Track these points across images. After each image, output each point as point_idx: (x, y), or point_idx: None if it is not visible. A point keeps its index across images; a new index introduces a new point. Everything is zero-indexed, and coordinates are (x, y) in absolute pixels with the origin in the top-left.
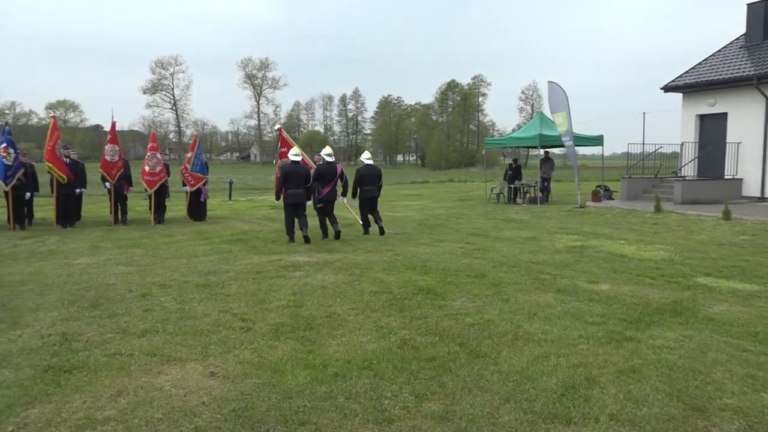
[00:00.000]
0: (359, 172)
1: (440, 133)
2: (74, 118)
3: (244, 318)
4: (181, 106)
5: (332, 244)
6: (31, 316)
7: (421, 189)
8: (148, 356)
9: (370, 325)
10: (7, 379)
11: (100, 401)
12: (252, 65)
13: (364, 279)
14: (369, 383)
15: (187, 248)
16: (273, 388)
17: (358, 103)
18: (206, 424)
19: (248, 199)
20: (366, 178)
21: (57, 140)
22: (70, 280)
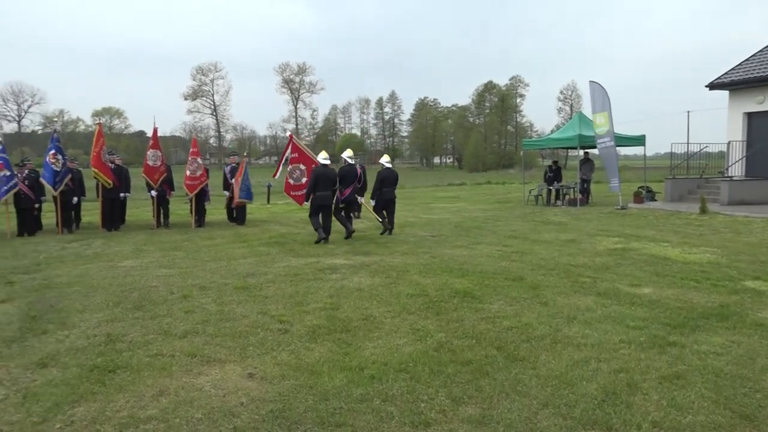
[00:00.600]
0: (380, 174)
1: (477, 135)
2: (119, 124)
3: (282, 320)
4: (220, 112)
5: (368, 246)
6: (77, 317)
7: (458, 191)
8: (188, 357)
9: (406, 327)
10: (56, 378)
11: (143, 400)
12: (290, 70)
13: (401, 281)
14: (405, 386)
15: (227, 251)
16: (310, 389)
17: (395, 106)
18: (245, 424)
19: (285, 203)
20: (386, 180)
21: (102, 146)
22: (114, 282)
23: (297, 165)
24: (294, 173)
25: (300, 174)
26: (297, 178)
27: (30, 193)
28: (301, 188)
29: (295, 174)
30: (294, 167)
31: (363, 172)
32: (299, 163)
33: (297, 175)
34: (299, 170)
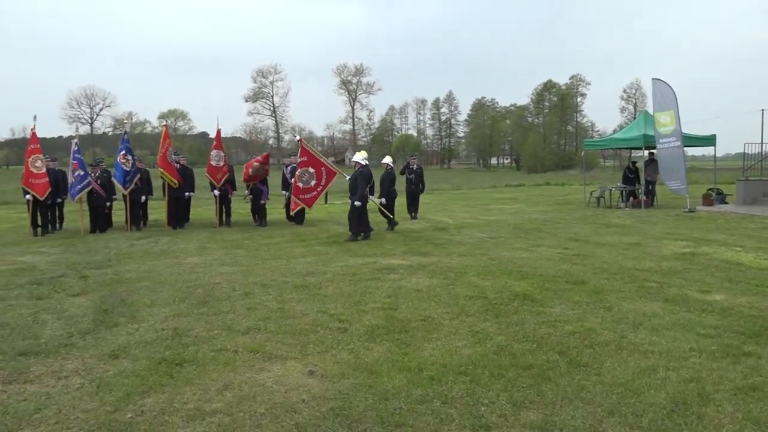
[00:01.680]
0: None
1: (536, 135)
2: (183, 126)
3: (341, 319)
4: (280, 113)
5: (426, 247)
6: (146, 311)
7: (516, 192)
8: (251, 353)
9: (465, 329)
10: (126, 369)
11: (208, 394)
12: (347, 71)
13: (459, 283)
14: (465, 389)
15: (286, 250)
16: (369, 388)
17: (452, 106)
18: (306, 421)
19: (343, 202)
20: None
21: (168, 147)
22: (180, 279)
23: (306, 168)
24: (303, 177)
25: (309, 177)
26: (306, 181)
27: (102, 192)
28: (311, 191)
29: (305, 177)
30: (303, 171)
31: (421, 172)
32: (308, 166)
33: (306, 178)
34: (308, 173)
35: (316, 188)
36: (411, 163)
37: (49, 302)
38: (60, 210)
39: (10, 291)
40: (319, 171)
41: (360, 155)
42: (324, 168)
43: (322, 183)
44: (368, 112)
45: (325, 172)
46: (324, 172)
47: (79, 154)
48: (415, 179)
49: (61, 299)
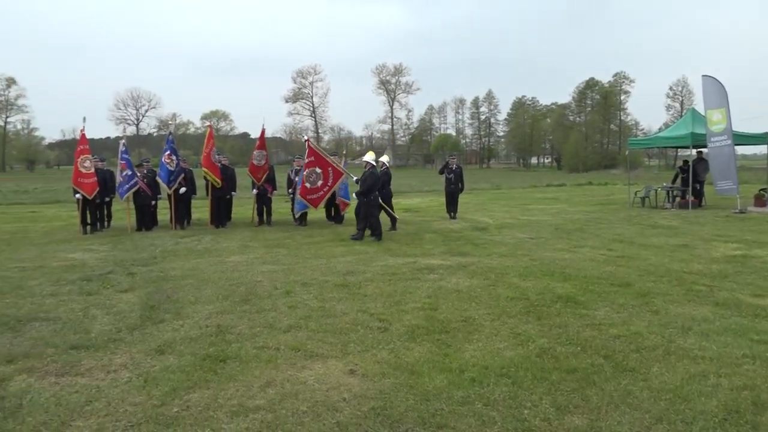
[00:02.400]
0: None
1: (578, 134)
2: (225, 126)
3: (381, 318)
4: (319, 113)
5: (466, 247)
6: (190, 308)
7: (557, 192)
8: (292, 351)
9: (506, 331)
10: (172, 365)
11: (251, 390)
12: (386, 71)
13: (500, 284)
14: (507, 391)
15: (326, 249)
16: (410, 389)
17: (491, 105)
18: (347, 419)
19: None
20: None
21: (212, 148)
22: (223, 277)
23: (313, 169)
24: (311, 177)
25: (316, 177)
26: (313, 181)
27: (148, 191)
28: (317, 191)
29: (312, 177)
30: (310, 171)
31: (461, 172)
32: (315, 166)
33: (313, 178)
34: (315, 174)
35: (322, 188)
36: (450, 162)
37: (98, 298)
38: (108, 209)
39: (62, 287)
40: (326, 171)
41: (370, 156)
42: (331, 168)
43: (329, 183)
44: (407, 111)
45: (332, 173)
46: (331, 172)
47: (127, 155)
48: (454, 179)
49: (110, 295)
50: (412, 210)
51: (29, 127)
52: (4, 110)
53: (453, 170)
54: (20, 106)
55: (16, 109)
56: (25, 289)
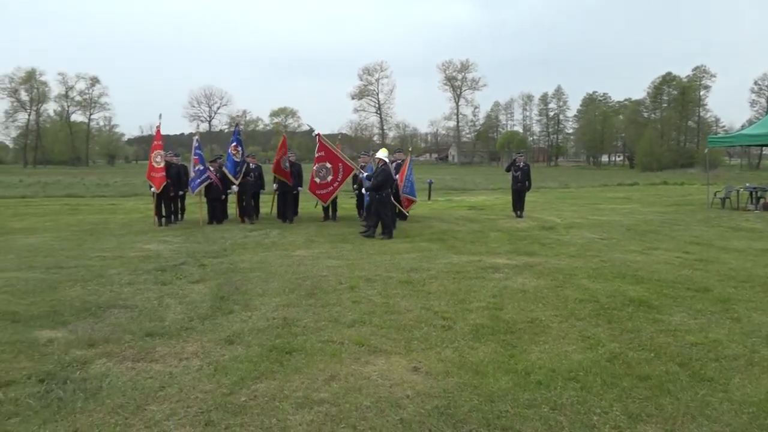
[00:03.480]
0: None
1: (652, 131)
2: (293, 123)
3: (445, 316)
4: (384, 110)
5: (532, 246)
6: (258, 300)
7: (630, 191)
8: (356, 345)
9: (575, 334)
10: (240, 355)
11: (316, 383)
12: (452, 67)
13: (568, 285)
14: (575, 396)
15: (390, 245)
16: (475, 389)
17: (560, 102)
18: (410, 417)
19: (446, 199)
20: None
21: (284, 155)
22: (289, 270)
23: (323, 164)
24: (320, 172)
25: (326, 173)
26: (323, 176)
27: (219, 186)
28: (327, 186)
29: (321, 172)
30: (320, 166)
31: (528, 169)
32: (325, 161)
33: (323, 173)
34: (325, 169)
35: (332, 183)
36: (517, 160)
37: (172, 288)
38: (182, 202)
39: (139, 276)
40: (336, 167)
41: (383, 152)
42: (341, 164)
43: (338, 179)
44: (473, 108)
45: (342, 168)
46: (341, 167)
47: (200, 150)
48: (522, 176)
49: (183, 285)
50: (477, 208)
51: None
52: (88, 108)
53: (520, 168)
54: (103, 104)
55: (98, 106)
56: (106, 277)
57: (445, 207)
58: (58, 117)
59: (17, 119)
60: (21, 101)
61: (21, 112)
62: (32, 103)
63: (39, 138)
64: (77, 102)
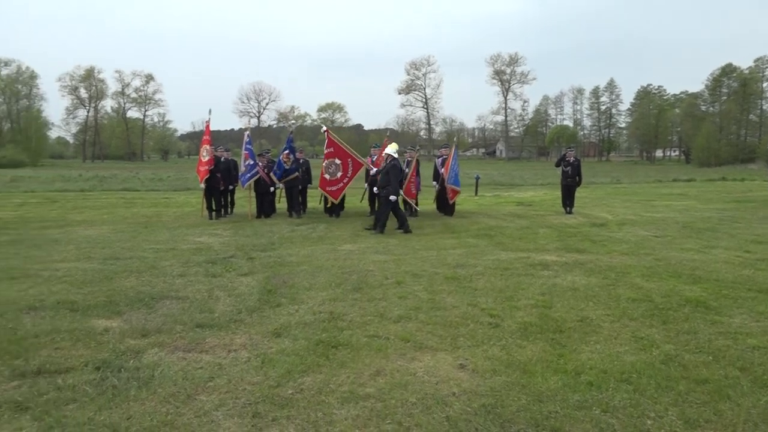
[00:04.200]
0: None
1: (710, 125)
2: (340, 118)
3: (492, 314)
4: (431, 105)
5: (583, 243)
6: (305, 294)
7: (686, 188)
8: (402, 341)
9: (627, 334)
10: (287, 348)
11: (362, 378)
12: (501, 61)
13: (620, 284)
14: (628, 398)
15: (436, 241)
16: (523, 388)
17: (613, 95)
18: (457, 415)
19: (494, 195)
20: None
21: None
22: (336, 264)
23: (332, 160)
24: (330, 168)
25: (335, 169)
26: (333, 173)
27: (268, 180)
28: (337, 183)
29: (331, 169)
30: (330, 162)
31: (579, 164)
32: (334, 157)
33: (333, 169)
34: (335, 165)
35: (342, 180)
36: (567, 155)
37: (221, 280)
38: (231, 196)
39: (190, 268)
40: (346, 163)
41: (392, 148)
42: (351, 159)
43: (348, 175)
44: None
45: (351, 164)
46: (351, 163)
47: (250, 146)
48: (572, 172)
49: (232, 278)
50: (525, 203)
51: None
52: (143, 104)
53: (570, 163)
54: (157, 101)
55: (153, 103)
56: (159, 269)
57: (492, 203)
58: (114, 113)
59: (77, 116)
60: (80, 98)
61: (80, 109)
62: (91, 100)
63: (97, 134)
64: (133, 99)
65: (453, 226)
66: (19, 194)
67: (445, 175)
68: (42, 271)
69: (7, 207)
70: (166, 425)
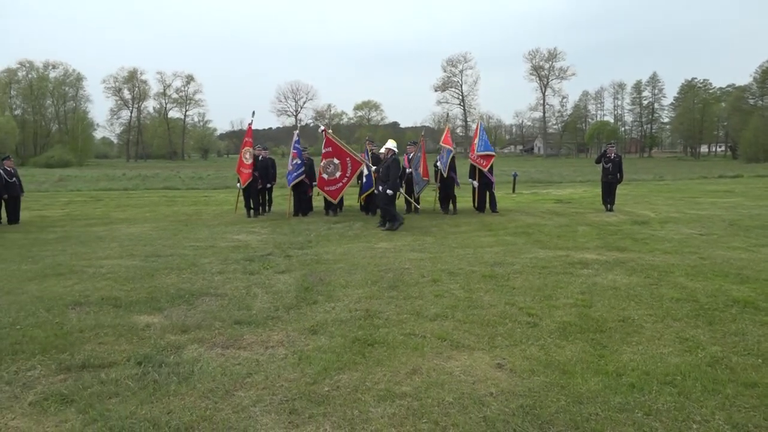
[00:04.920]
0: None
1: (759, 119)
2: (376, 116)
3: (530, 313)
4: (468, 102)
5: (624, 241)
6: (341, 292)
7: (732, 184)
8: (438, 340)
9: (671, 335)
10: (324, 345)
11: (398, 376)
12: (539, 56)
13: (664, 283)
14: (672, 401)
15: (473, 239)
16: (562, 389)
17: (655, 90)
18: (494, 415)
19: (532, 192)
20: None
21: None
22: (372, 262)
23: (330, 159)
24: (328, 168)
25: (334, 168)
26: (331, 172)
27: (306, 179)
28: (335, 182)
29: (329, 168)
30: (328, 162)
31: (620, 161)
32: (333, 157)
33: (331, 169)
34: (333, 164)
35: (341, 179)
36: (608, 151)
37: (259, 277)
38: (269, 194)
39: (229, 265)
40: (344, 162)
41: (392, 143)
42: (349, 158)
43: (347, 174)
44: (560, 98)
45: (350, 163)
46: (349, 162)
47: (299, 145)
48: (612, 168)
49: (269, 275)
50: (564, 201)
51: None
52: (184, 104)
53: (611, 159)
54: (197, 101)
55: (193, 103)
56: (198, 266)
57: (530, 200)
58: (156, 114)
59: (121, 116)
60: (124, 99)
61: (124, 110)
62: (134, 101)
63: (140, 134)
64: (174, 99)
65: (490, 224)
66: (66, 193)
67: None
68: (87, 267)
69: (55, 205)
70: (205, 420)
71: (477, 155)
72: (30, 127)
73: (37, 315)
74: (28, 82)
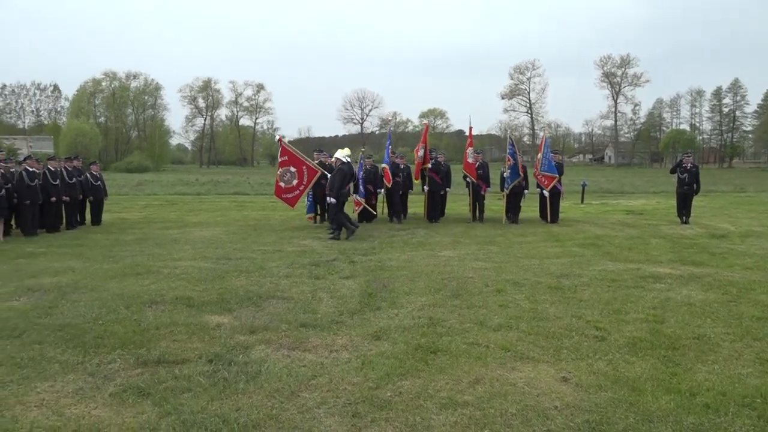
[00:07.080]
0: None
1: None
2: (441, 124)
3: (598, 327)
4: (536, 110)
5: (700, 255)
6: (404, 299)
7: None
8: (502, 350)
9: (751, 355)
10: (387, 351)
11: (460, 385)
12: (611, 63)
13: (743, 300)
14: (751, 425)
15: (539, 249)
16: (630, 406)
17: (737, 96)
18: (558, 429)
19: (601, 203)
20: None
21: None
22: (435, 270)
23: (287, 168)
24: (285, 176)
25: (290, 176)
26: (288, 180)
27: (370, 186)
28: (293, 190)
29: (286, 177)
30: (284, 170)
31: (697, 171)
32: (289, 165)
33: (288, 177)
34: (290, 173)
35: (298, 187)
36: (684, 161)
37: (324, 282)
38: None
39: (295, 270)
40: (301, 170)
41: (342, 152)
42: (305, 167)
43: (304, 182)
44: (633, 106)
45: (306, 171)
46: (305, 171)
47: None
48: (689, 179)
49: (334, 280)
50: (635, 212)
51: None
52: (254, 112)
53: (687, 169)
54: (267, 109)
55: (263, 111)
56: (266, 269)
57: (599, 211)
58: (228, 121)
59: (195, 124)
60: (199, 108)
61: (198, 118)
62: (208, 109)
63: (212, 141)
64: (245, 107)
65: (556, 234)
66: (144, 197)
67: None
68: (162, 268)
69: (133, 209)
70: (272, 419)
71: (541, 174)
72: (112, 134)
73: (117, 312)
74: (111, 92)
